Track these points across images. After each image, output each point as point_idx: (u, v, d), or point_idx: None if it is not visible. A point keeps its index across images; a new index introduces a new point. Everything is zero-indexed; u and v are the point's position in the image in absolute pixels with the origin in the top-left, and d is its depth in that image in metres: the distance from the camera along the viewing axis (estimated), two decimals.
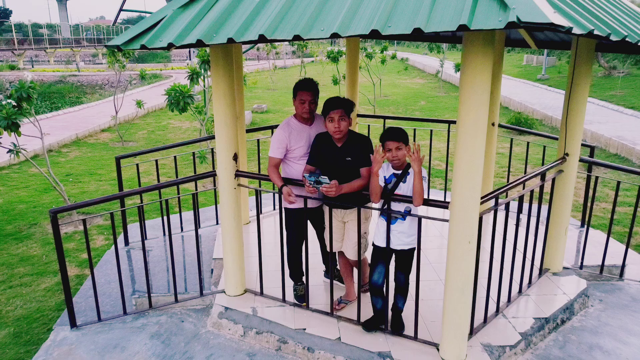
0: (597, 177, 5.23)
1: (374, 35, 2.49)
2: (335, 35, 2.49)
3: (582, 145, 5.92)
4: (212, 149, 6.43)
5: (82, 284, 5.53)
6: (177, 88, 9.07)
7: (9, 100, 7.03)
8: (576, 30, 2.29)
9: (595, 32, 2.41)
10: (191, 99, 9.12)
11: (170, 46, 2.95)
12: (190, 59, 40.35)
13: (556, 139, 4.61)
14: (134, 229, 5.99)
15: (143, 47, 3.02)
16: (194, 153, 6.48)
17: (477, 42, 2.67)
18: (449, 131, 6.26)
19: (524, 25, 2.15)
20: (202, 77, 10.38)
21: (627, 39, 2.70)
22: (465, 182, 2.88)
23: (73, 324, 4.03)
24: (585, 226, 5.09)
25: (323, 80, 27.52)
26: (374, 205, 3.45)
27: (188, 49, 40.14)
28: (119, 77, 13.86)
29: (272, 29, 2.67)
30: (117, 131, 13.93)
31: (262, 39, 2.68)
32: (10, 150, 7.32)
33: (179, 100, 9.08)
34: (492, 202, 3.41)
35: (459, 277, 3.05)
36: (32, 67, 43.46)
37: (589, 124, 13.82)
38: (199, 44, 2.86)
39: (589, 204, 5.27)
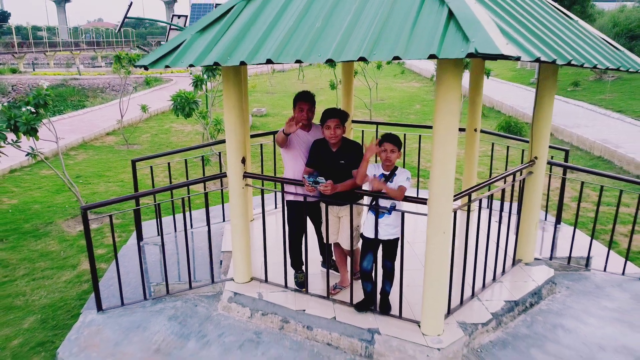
0: (565, 179, 5.78)
1: (362, 59, 3.03)
2: (330, 60, 3.04)
3: (558, 149, 6.51)
4: (219, 153, 6.93)
5: (101, 275, 6.07)
6: (183, 94, 9.60)
7: (28, 107, 7.54)
8: (524, 58, 2.84)
9: (542, 59, 2.96)
10: (196, 105, 9.65)
11: (190, 66, 3.49)
12: None
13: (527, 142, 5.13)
14: (146, 226, 6.51)
15: (167, 67, 3.56)
16: (202, 157, 7.01)
17: (448, 65, 3.21)
18: (420, 140, 6.81)
19: (480, 55, 2.70)
20: (204, 83, 10.91)
21: (572, 62, 3.24)
22: (440, 181, 3.42)
23: (99, 308, 4.56)
24: (561, 223, 5.64)
25: (321, 84, 28.10)
26: (364, 202, 3.99)
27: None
28: (125, 82, 14.35)
29: (278, 53, 3.21)
30: (122, 134, 14.44)
31: (269, 61, 3.22)
32: (28, 154, 7.83)
33: (184, 106, 9.61)
34: (468, 199, 3.96)
35: (436, 261, 3.59)
36: (33, 70, 43.89)
37: (576, 128, 14.40)
38: (215, 64, 3.40)
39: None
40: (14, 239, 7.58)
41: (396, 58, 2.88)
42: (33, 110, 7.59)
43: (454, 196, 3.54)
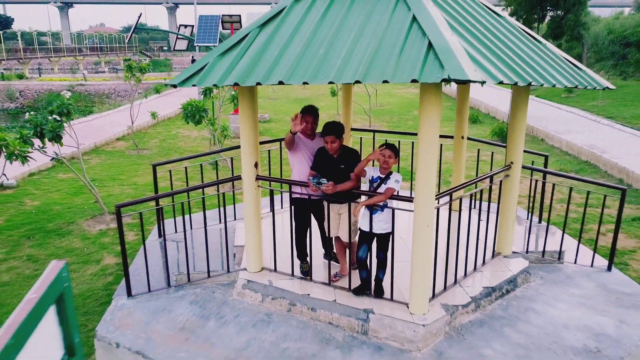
0: (545, 182, 6.43)
1: (357, 82, 3.68)
2: (331, 82, 3.69)
3: (539, 154, 7.16)
4: (231, 158, 7.56)
5: (122, 269, 6.72)
6: (193, 103, 10.26)
7: (54, 116, 8.21)
8: (489, 82, 3.50)
9: (505, 82, 3.62)
10: (205, 113, 10.32)
11: (214, 86, 4.14)
12: None
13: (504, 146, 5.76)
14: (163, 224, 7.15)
15: (194, 85, 4.22)
16: (216, 162, 7.67)
17: (429, 87, 3.86)
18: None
19: (452, 80, 3.36)
20: (212, 91, 11.59)
21: (532, 83, 3.90)
22: (424, 182, 4.07)
23: (129, 294, 5.20)
24: (541, 222, 6.29)
25: (322, 90, 28.80)
26: (361, 200, 4.64)
27: (192, 59, 41.35)
28: (136, 90, 15.03)
29: (288, 76, 3.87)
30: (132, 140, 15.11)
31: (280, 83, 3.88)
32: (53, 158, 8.50)
33: (194, 114, 10.27)
34: (450, 198, 4.61)
35: (421, 250, 4.24)
36: (40, 76, 44.58)
37: (567, 134, 15.06)
38: (235, 84, 4.06)
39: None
40: (40, 237, 8.23)
41: (385, 81, 3.54)
42: (58, 118, 8.28)
43: (436, 195, 4.19)
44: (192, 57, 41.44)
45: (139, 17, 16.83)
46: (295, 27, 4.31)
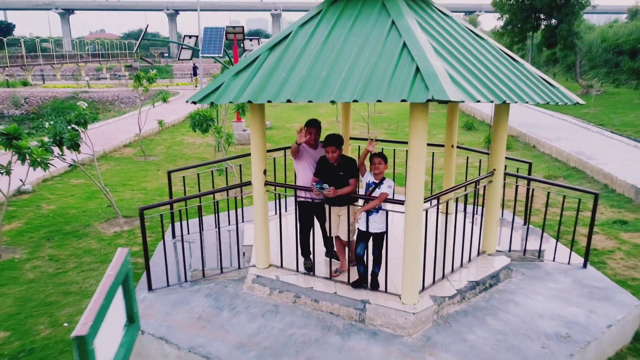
0: (529, 189, 7.02)
1: (355, 101, 4.27)
2: (332, 101, 4.28)
3: (523, 161, 7.74)
4: (239, 165, 8.12)
5: (139, 268, 7.29)
6: (201, 113, 10.86)
7: (73, 125, 8.79)
8: (468, 101, 4.09)
9: (482, 101, 4.21)
10: (212, 122, 10.92)
11: (230, 102, 4.73)
12: (194, 75, 42.20)
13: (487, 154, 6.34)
14: (176, 227, 7.72)
15: (212, 103, 4.81)
16: (225, 169, 8.23)
17: (418, 105, 4.45)
18: None
19: (436, 100, 3.95)
20: None
21: (506, 101, 4.49)
22: (413, 187, 4.65)
23: (150, 288, 5.77)
24: (527, 224, 6.86)
25: None
26: (358, 203, 5.22)
27: (193, 66, 42.05)
28: (145, 98, 15.63)
29: (294, 95, 4.46)
30: (140, 146, 15.70)
31: (288, 101, 4.47)
32: (71, 165, 9.09)
33: (202, 123, 10.87)
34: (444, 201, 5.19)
35: (411, 247, 4.81)
36: (43, 82, 45.22)
37: (557, 141, 15.66)
38: (249, 102, 4.64)
39: (529, 207, 7.04)
40: (59, 238, 8.80)
41: (379, 101, 4.13)
42: (77, 128, 8.86)
43: (425, 199, 4.77)
44: (194, 64, 42.11)
45: (146, 28, 17.42)
46: (301, 50, 4.91)
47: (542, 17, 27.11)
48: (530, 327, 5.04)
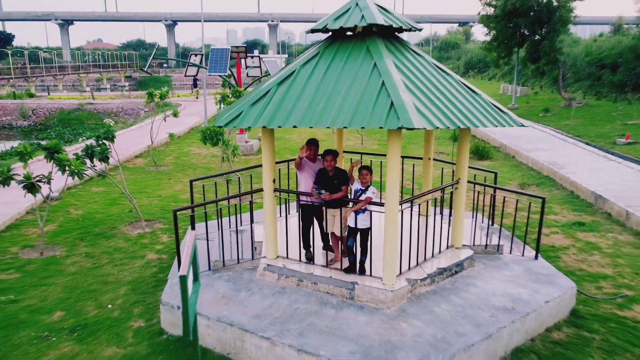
0: (493, 195, 8.41)
1: (344, 127, 5.64)
2: (328, 127, 5.67)
3: (490, 172, 9.13)
4: (250, 175, 9.48)
5: (164, 262, 8.64)
6: (212, 128, 12.24)
7: (103, 141, 10.14)
8: (428, 128, 5.48)
9: (440, 127, 5.59)
10: (222, 136, 12.30)
11: (249, 127, 6.10)
12: (194, 87, 43.60)
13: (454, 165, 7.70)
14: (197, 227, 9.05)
15: (234, 127, 6.19)
16: (239, 178, 9.58)
17: (392, 131, 5.83)
18: (403, 163, 9.46)
19: (405, 128, 5.33)
20: None
21: (460, 126, 5.87)
22: (391, 192, 6.02)
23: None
24: (493, 224, 8.23)
25: None
26: (349, 206, 6.59)
27: (193, 78, 43.44)
28: (156, 114, 16.99)
29: (299, 122, 5.84)
30: (151, 157, 17.05)
31: (294, 126, 5.84)
32: (99, 175, 10.42)
33: (212, 137, 12.25)
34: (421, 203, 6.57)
35: (390, 240, 6.17)
36: (48, 94, 46.52)
37: (534, 151, 17.11)
38: (264, 127, 6.02)
39: (492, 209, 8.42)
40: (90, 239, 10.12)
41: (363, 127, 5.52)
42: (107, 143, 10.22)
43: (400, 202, 6.15)
44: (195, 78, 43.48)
45: (156, 48, 18.83)
46: (303, 86, 6.29)
47: (527, 34, 28.69)
48: (484, 302, 6.41)
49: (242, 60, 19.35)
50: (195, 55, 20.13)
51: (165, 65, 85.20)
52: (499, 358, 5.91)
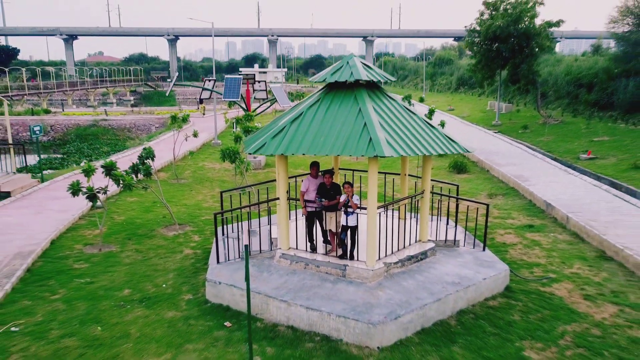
0: (458, 204, 10.97)
1: (338, 155, 8.19)
2: (327, 154, 8.23)
3: (452, 184, 11.69)
4: (267, 187, 12.02)
5: (199, 256, 11.16)
6: (230, 148, 14.80)
7: (148, 160, 12.68)
8: (395, 156, 8.05)
9: (403, 155, 8.16)
10: (239, 155, 14.86)
11: (270, 154, 8.67)
12: (201, 103, 46.17)
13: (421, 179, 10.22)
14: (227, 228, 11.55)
15: (261, 154, 8.75)
16: (258, 190, 12.11)
17: (371, 158, 8.38)
18: (385, 178, 12.02)
19: (379, 156, 7.90)
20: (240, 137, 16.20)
21: (418, 153, 8.43)
22: (371, 199, 8.56)
23: (218, 261, 9.61)
24: (456, 225, 10.78)
25: None
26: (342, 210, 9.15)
27: (200, 95, 45.96)
28: (177, 135, 19.52)
29: (306, 150, 8.40)
30: (173, 171, 19.59)
31: (303, 154, 8.41)
32: (143, 187, 12.95)
33: (231, 155, 14.81)
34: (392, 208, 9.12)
35: (370, 234, 8.69)
36: (62, 110, 49.06)
37: (505, 166, 19.65)
38: (281, 154, 8.57)
39: (457, 214, 10.99)
40: (136, 238, 12.61)
41: (350, 156, 8.08)
42: (150, 163, 12.77)
43: (378, 206, 8.70)
44: (199, 99, 46.07)
45: (176, 75, 21.42)
46: (309, 124, 8.85)
47: (508, 57, 31.45)
48: (439, 279, 8.93)
49: (251, 86, 22.00)
50: (209, 80, 22.76)
51: (168, 80, 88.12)
52: (447, 316, 8.42)
